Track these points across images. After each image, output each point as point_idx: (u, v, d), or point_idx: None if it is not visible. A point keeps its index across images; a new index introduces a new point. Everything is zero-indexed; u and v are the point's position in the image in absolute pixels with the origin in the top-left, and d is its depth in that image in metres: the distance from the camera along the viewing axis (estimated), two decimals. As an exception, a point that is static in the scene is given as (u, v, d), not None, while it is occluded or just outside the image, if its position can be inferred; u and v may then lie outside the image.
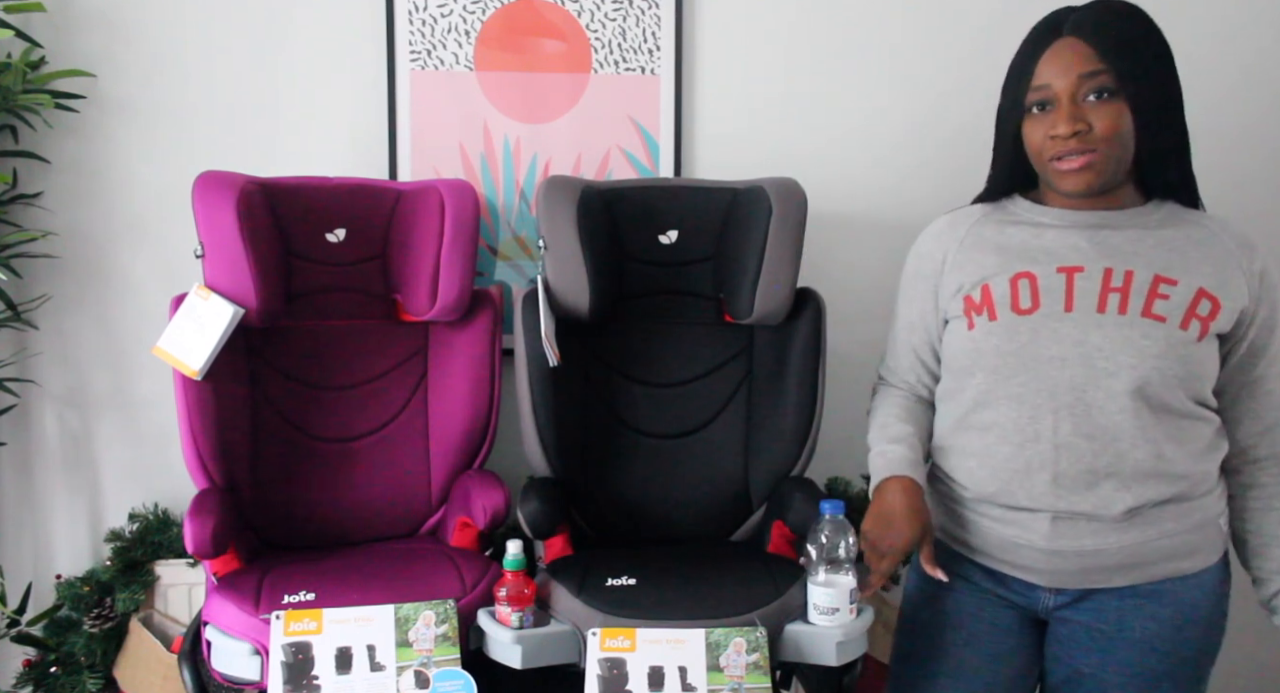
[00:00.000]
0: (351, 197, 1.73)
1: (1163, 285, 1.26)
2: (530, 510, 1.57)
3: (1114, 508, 1.26)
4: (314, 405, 1.73)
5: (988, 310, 1.32)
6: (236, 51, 1.91)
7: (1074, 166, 1.24)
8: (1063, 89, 1.23)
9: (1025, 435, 1.28)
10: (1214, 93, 2.00)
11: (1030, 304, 1.29)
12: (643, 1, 1.95)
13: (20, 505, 1.95)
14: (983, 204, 1.42)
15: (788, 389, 1.70)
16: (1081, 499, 1.27)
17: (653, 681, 1.32)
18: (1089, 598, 1.33)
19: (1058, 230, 1.32)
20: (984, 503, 1.35)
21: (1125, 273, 1.27)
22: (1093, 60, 1.22)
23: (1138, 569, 1.30)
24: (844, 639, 1.38)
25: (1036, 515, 1.30)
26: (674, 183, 1.86)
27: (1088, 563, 1.29)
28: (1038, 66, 1.26)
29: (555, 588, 1.46)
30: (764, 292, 1.65)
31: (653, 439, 1.76)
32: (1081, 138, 1.23)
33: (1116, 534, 1.28)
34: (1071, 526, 1.28)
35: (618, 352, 1.77)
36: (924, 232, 1.46)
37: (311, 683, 1.31)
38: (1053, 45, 1.25)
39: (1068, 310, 1.27)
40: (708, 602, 1.42)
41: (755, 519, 1.75)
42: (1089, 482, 1.26)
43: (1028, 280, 1.30)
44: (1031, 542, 1.31)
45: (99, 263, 1.91)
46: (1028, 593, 1.36)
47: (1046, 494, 1.28)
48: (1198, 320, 1.25)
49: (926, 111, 2.03)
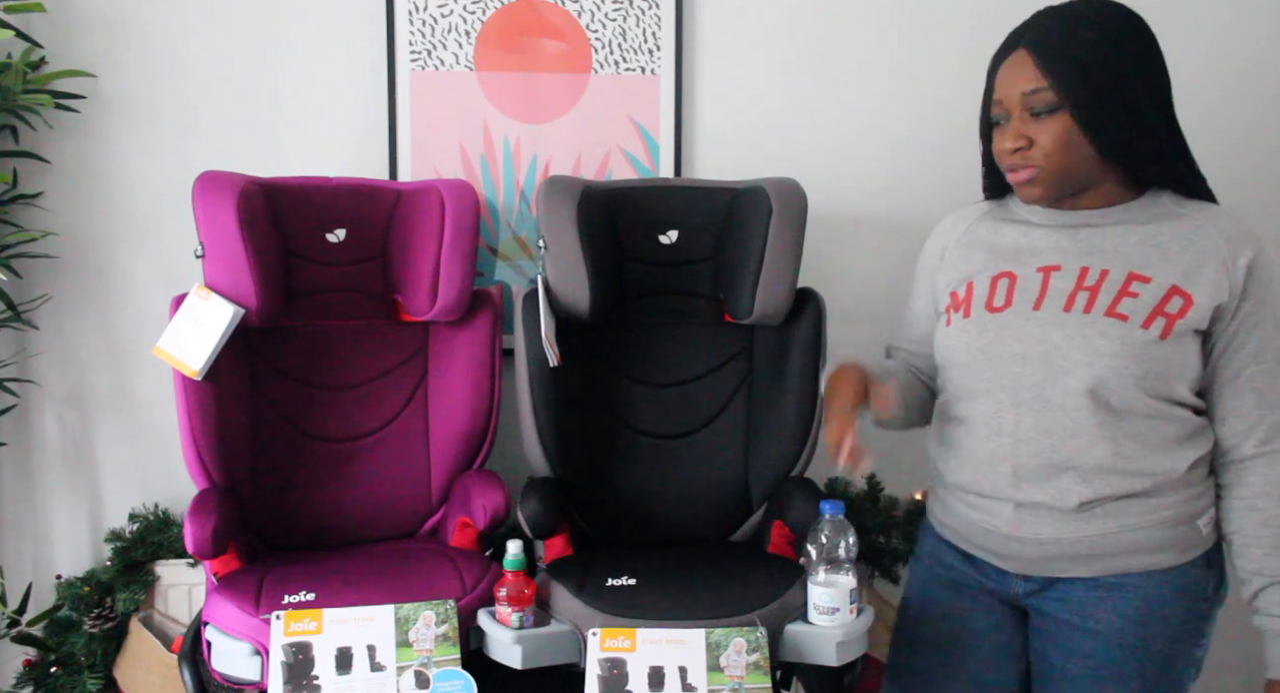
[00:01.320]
0: (351, 196, 1.73)
1: (1135, 283, 1.26)
2: (531, 510, 1.57)
3: (1070, 500, 1.29)
4: (314, 405, 1.73)
5: (964, 307, 1.36)
6: (237, 51, 1.91)
7: (1020, 179, 1.28)
8: (1011, 104, 1.27)
9: (990, 428, 1.33)
10: (1213, 93, 2.00)
11: (1003, 302, 1.33)
12: (643, 1, 1.95)
13: (20, 505, 1.95)
14: (987, 202, 1.45)
15: (788, 389, 1.70)
16: (1039, 490, 1.30)
17: (653, 681, 1.32)
18: (1054, 587, 1.36)
19: (1044, 230, 1.35)
20: (959, 489, 1.40)
21: (1101, 271, 1.28)
22: (1035, 77, 1.24)
23: (1099, 561, 1.32)
24: (844, 639, 1.38)
25: (1000, 503, 1.34)
26: (674, 183, 1.86)
27: (1048, 551, 1.33)
28: (996, 79, 1.30)
29: (555, 588, 1.46)
30: (764, 292, 1.65)
31: (652, 439, 1.76)
32: (1022, 153, 1.26)
33: (1075, 524, 1.30)
34: (1033, 514, 1.32)
35: (617, 351, 1.77)
36: (936, 226, 1.50)
37: (312, 683, 1.31)
38: (1008, 58, 1.28)
39: (1035, 309, 1.30)
40: (708, 602, 1.42)
41: (755, 519, 1.75)
42: (1047, 475, 1.30)
43: (1008, 279, 1.33)
44: (996, 527, 1.35)
45: (99, 263, 1.91)
46: (1000, 579, 1.40)
47: (1007, 485, 1.32)
48: (1164, 317, 1.25)
49: (926, 111, 2.03)
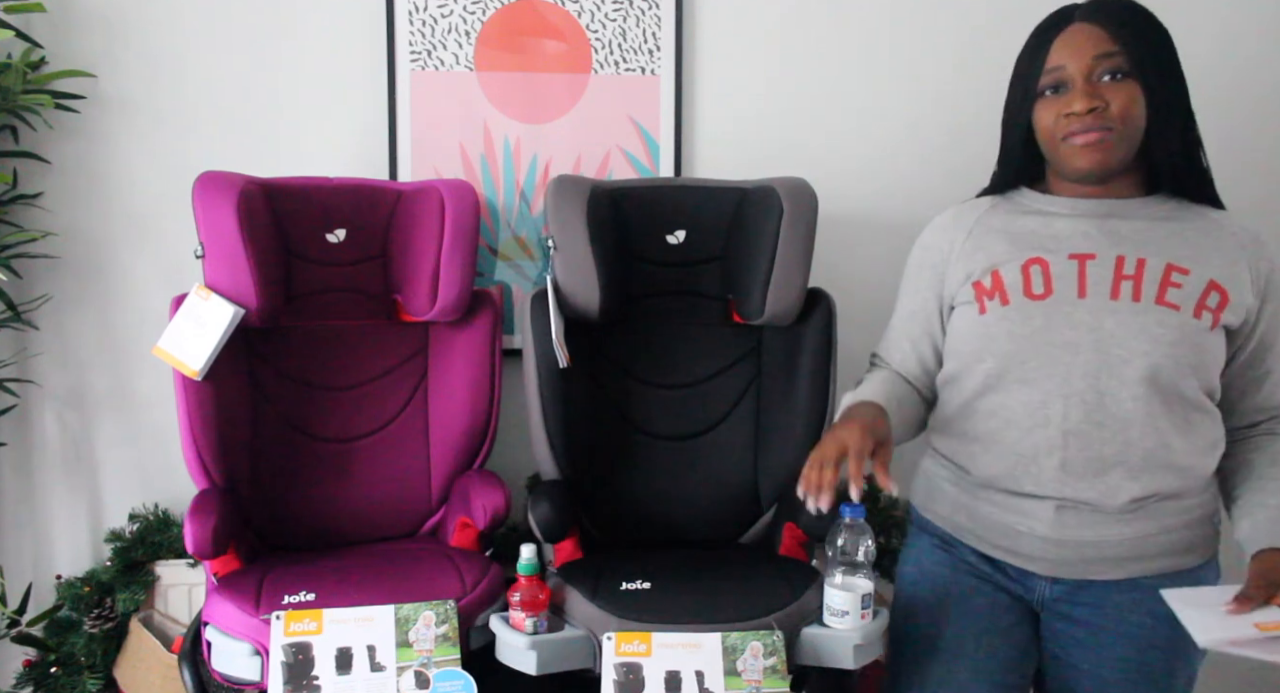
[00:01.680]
0: (351, 196, 1.73)
1: (1175, 274, 1.26)
2: (542, 514, 1.56)
3: (1119, 497, 1.26)
4: (314, 405, 1.73)
5: (999, 295, 1.31)
6: (237, 52, 1.91)
7: (1089, 140, 1.25)
8: (1077, 70, 1.25)
9: (1035, 420, 1.28)
10: (1214, 92, 2.00)
11: (1043, 290, 1.29)
12: (643, 1, 1.95)
13: (20, 505, 1.95)
14: (990, 197, 1.43)
15: (799, 390, 1.69)
16: (1089, 486, 1.27)
17: (670, 685, 1.30)
18: (1086, 590, 1.33)
19: (1067, 219, 1.33)
20: (986, 489, 1.35)
21: (1137, 260, 1.27)
22: (1107, 42, 1.24)
23: (1137, 563, 1.30)
24: (862, 643, 1.36)
25: (1042, 503, 1.30)
26: (682, 182, 1.85)
27: (1088, 554, 1.30)
28: (1050, 51, 1.28)
29: (569, 593, 1.45)
30: (776, 292, 1.64)
31: (660, 441, 1.75)
32: (1098, 114, 1.24)
33: (1118, 527, 1.28)
34: (1075, 515, 1.29)
35: (624, 352, 1.76)
36: (930, 224, 1.47)
37: (312, 683, 1.31)
38: (1065, 31, 1.28)
39: (1080, 296, 1.28)
40: (723, 605, 1.41)
41: (764, 521, 1.75)
42: (1097, 469, 1.26)
43: (1040, 267, 1.30)
44: (1033, 529, 1.31)
45: (99, 263, 1.91)
46: (1024, 581, 1.37)
47: (1053, 480, 1.28)
48: (1208, 311, 1.26)
49: (926, 110, 2.03)
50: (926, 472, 1.49)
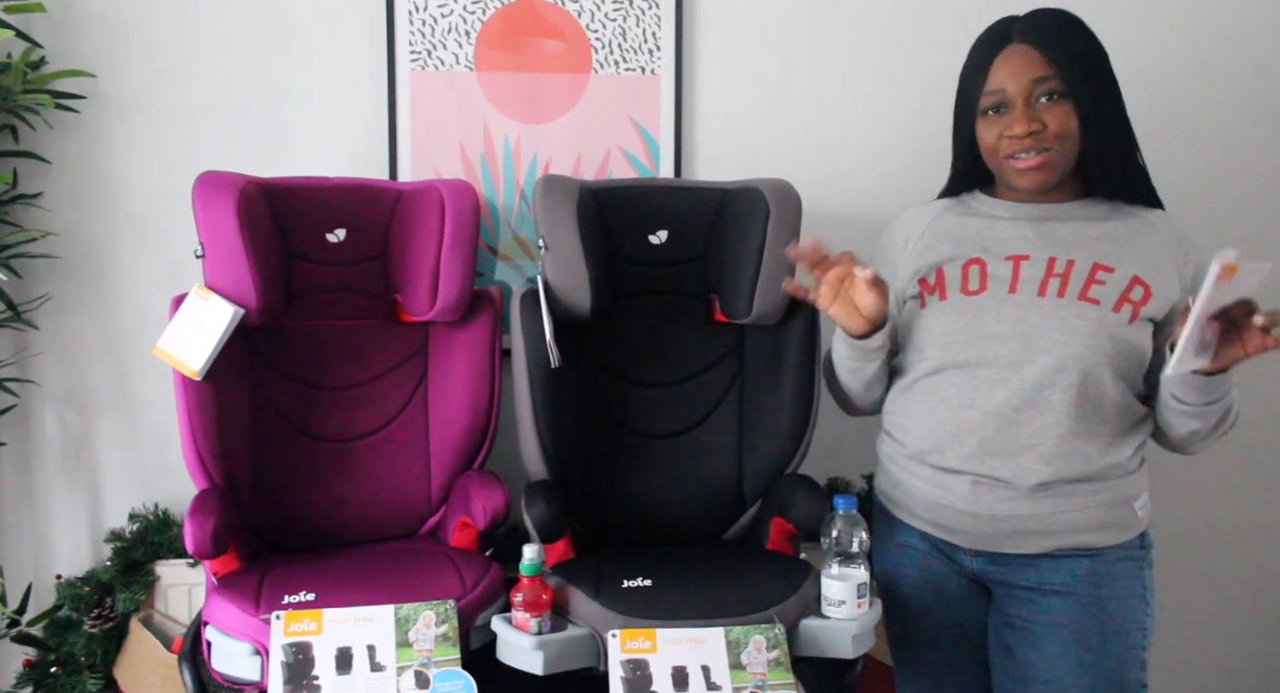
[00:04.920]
0: (351, 196, 1.73)
1: (1100, 272, 1.36)
2: (539, 514, 1.56)
3: (1030, 479, 1.35)
4: (314, 405, 1.73)
5: (939, 291, 1.44)
6: (237, 51, 1.91)
7: (1030, 164, 1.35)
8: (1016, 92, 1.34)
9: (963, 401, 1.39)
10: (1214, 93, 2.00)
11: (979, 286, 1.41)
12: (643, 1, 1.95)
13: (20, 505, 1.95)
14: (946, 198, 1.53)
15: (783, 387, 1.70)
16: (1002, 465, 1.36)
17: (677, 681, 1.32)
18: (1004, 563, 1.42)
19: (1008, 222, 1.44)
20: (915, 461, 1.46)
21: (1067, 261, 1.38)
22: (1043, 66, 1.33)
23: (1048, 538, 1.39)
24: (859, 632, 1.41)
25: (958, 478, 1.40)
26: (662, 183, 1.86)
27: (1002, 527, 1.39)
28: (990, 72, 1.37)
29: (572, 592, 1.45)
30: (763, 292, 1.66)
31: (645, 439, 1.76)
32: (1036, 137, 1.33)
33: (1029, 503, 1.37)
34: (990, 490, 1.38)
35: (609, 351, 1.76)
36: (891, 221, 1.57)
37: (312, 683, 1.31)
38: (1004, 51, 1.37)
39: (1011, 292, 1.38)
40: (725, 600, 1.43)
41: (748, 517, 1.76)
42: (1011, 450, 1.36)
43: (979, 266, 1.42)
44: (952, 503, 1.41)
45: (99, 263, 1.91)
46: (953, 554, 1.47)
47: (972, 457, 1.38)
48: (1130, 304, 1.36)
49: (926, 109, 2.01)
50: (878, 451, 1.58)
